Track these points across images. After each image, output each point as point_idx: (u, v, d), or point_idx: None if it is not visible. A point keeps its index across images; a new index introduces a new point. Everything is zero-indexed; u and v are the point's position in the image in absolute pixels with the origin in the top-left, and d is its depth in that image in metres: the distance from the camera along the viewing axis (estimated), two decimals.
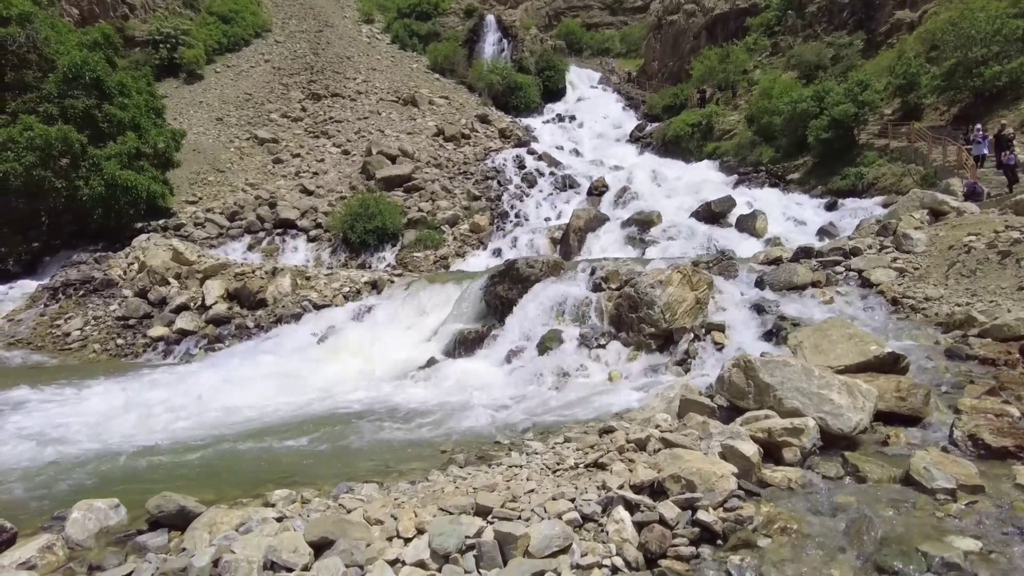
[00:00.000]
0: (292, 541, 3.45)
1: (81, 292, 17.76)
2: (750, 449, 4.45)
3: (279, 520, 4.04)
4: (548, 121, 37.88)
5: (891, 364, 5.98)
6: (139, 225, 23.38)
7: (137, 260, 18.90)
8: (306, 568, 3.31)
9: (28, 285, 19.71)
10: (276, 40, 42.31)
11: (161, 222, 24.07)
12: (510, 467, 4.96)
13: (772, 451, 4.73)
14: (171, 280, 17.62)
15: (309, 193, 26.80)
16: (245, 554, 3.37)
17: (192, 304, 16.53)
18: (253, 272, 17.57)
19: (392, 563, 3.45)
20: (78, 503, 4.36)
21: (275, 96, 36.05)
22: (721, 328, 9.22)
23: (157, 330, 15.62)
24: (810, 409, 5.02)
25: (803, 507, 4.01)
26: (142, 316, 16.34)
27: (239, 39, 40.85)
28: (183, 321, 15.76)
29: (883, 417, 5.34)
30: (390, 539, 3.72)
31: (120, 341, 15.68)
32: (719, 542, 3.66)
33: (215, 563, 3.39)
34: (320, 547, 3.50)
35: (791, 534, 3.67)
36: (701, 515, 3.74)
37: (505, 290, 12.22)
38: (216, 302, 16.45)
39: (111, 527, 4.31)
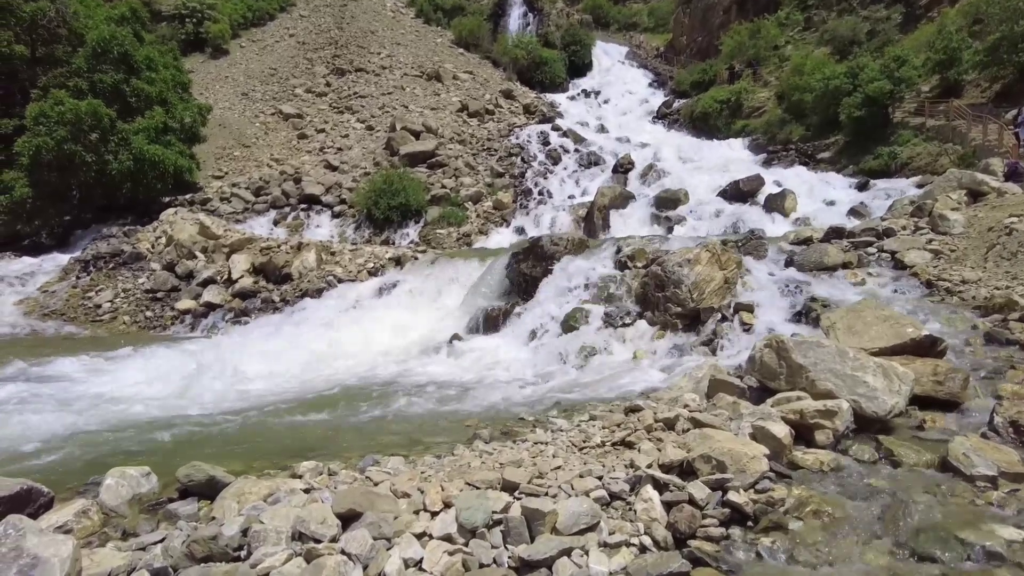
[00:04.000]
0: (320, 513, 3.47)
1: (111, 265, 18.07)
2: (781, 431, 4.37)
3: (307, 492, 4.06)
4: (573, 97, 37.32)
5: (928, 347, 5.82)
6: (166, 199, 23.65)
7: (165, 234, 19.14)
8: (334, 540, 3.32)
9: (60, 258, 20.09)
10: (301, 14, 42.13)
11: (188, 196, 24.32)
12: (535, 443, 4.93)
13: (804, 433, 4.63)
14: (198, 254, 17.83)
15: (333, 169, 26.84)
16: (274, 524, 3.40)
17: (219, 278, 16.73)
18: (279, 247, 17.70)
19: (419, 536, 3.45)
20: (111, 470, 4.43)
21: (300, 71, 36.00)
22: (750, 308, 9.06)
23: (184, 303, 15.86)
24: (843, 391, 4.90)
25: (836, 490, 3.92)
26: (170, 289, 16.59)
27: (264, 13, 40.75)
28: (210, 294, 15.97)
29: (919, 401, 5.21)
30: (417, 512, 3.72)
31: (149, 313, 15.96)
32: (750, 524, 3.60)
33: (244, 532, 3.43)
34: (348, 519, 3.51)
35: (824, 517, 3.59)
36: (732, 496, 3.68)
37: (529, 267, 12.15)
38: (242, 276, 16.63)
39: (143, 494, 4.38)
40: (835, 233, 11.54)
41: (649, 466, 4.02)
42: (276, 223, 23.57)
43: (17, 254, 21.33)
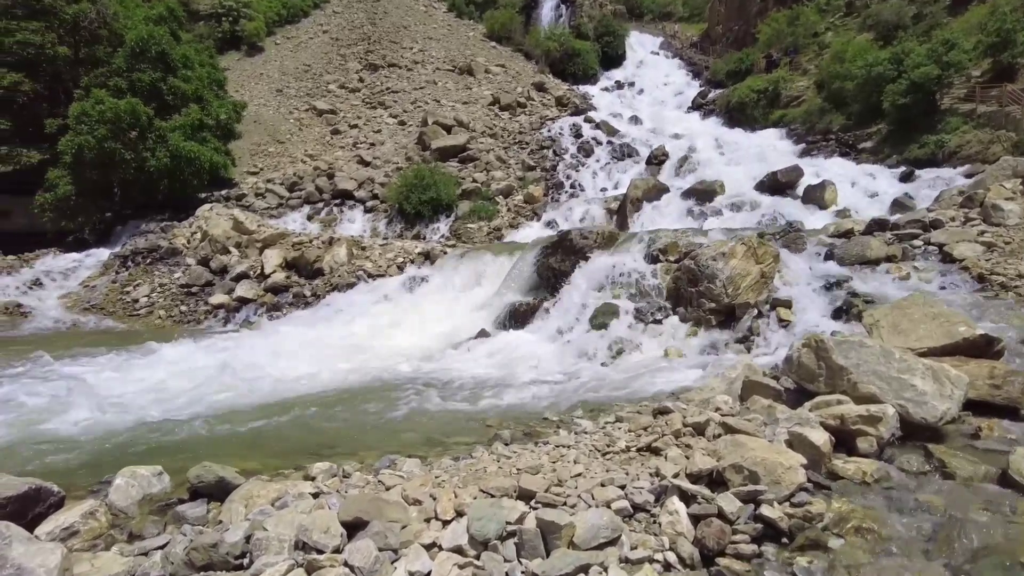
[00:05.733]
0: (325, 520, 3.30)
1: (148, 260, 18.43)
2: (820, 437, 4.06)
3: (315, 496, 3.91)
4: (606, 88, 36.74)
5: (983, 348, 5.40)
6: (203, 195, 23.99)
7: (200, 229, 19.41)
8: (337, 550, 3.15)
9: (102, 253, 20.61)
10: (334, 11, 42.42)
11: (224, 192, 24.64)
12: (557, 447, 4.70)
13: (845, 440, 4.30)
14: (232, 249, 18.03)
15: (366, 164, 26.91)
16: (277, 532, 3.25)
17: (252, 272, 16.90)
18: (310, 242, 17.79)
19: (428, 547, 3.26)
20: (122, 470, 4.36)
21: (333, 67, 36.24)
22: (787, 304, 8.66)
23: (218, 298, 16.05)
24: (889, 395, 4.55)
25: (880, 505, 3.60)
26: (204, 284, 16.82)
27: (298, 10, 41.17)
28: (243, 289, 16.12)
29: (972, 407, 4.80)
30: (428, 521, 3.54)
31: (183, 308, 16.20)
32: (784, 541, 3.31)
33: (247, 539, 3.29)
34: (354, 527, 3.34)
35: (867, 535, 3.29)
36: (765, 510, 3.40)
37: (558, 262, 11.90)
38: (274, 271, 16.77)
39: (154, 495, 4.29)
40: (878, 225, 11.01)
41: (676, 475, 3.76)
42: (310, 218, 23.74)
43: (62, 250, 21.95)
